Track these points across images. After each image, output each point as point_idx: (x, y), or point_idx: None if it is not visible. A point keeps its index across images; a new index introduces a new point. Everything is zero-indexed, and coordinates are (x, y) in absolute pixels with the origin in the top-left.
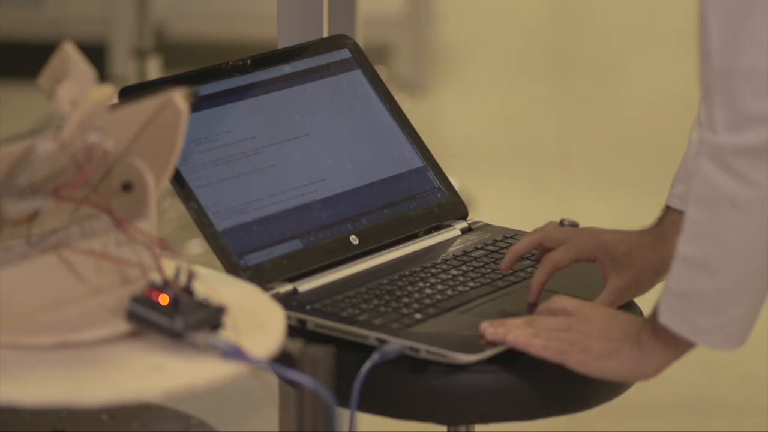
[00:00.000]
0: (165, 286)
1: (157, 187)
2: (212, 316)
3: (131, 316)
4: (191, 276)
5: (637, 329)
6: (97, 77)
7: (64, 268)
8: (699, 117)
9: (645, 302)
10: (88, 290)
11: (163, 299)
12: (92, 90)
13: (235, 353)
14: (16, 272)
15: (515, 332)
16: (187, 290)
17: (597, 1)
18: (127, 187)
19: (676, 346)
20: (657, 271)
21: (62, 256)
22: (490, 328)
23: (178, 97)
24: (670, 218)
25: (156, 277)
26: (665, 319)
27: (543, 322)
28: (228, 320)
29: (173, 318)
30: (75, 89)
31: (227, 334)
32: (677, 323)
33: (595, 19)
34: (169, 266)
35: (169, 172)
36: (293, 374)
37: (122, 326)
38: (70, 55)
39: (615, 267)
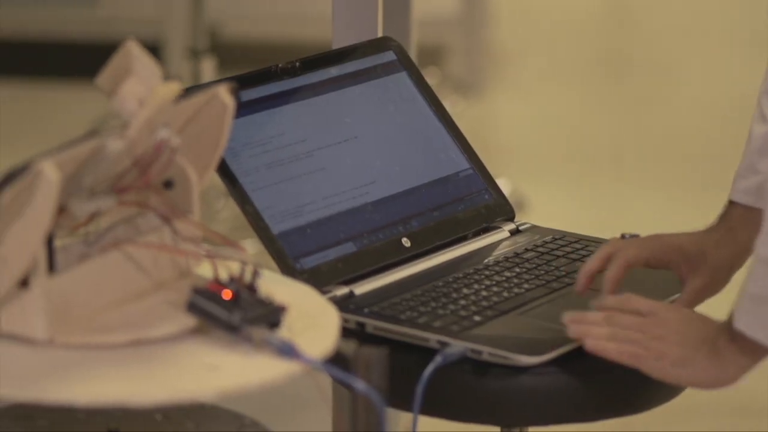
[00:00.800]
0: (229, 282)
1: (198, 183)
2: (271, 314)
3: (191, 306)
4: (255, 274)
5: (714, 335)
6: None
7: (128, 264)
8: (761, 111)
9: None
10: (150, 285)
11: (226, 294)
12: (160, 86)
13: (288, 350)
14: (81, 271)
15: (592, 335)
16: (251, 287)
17: (651, 2)
18: (168, 184)
19: (754, 352)
20: (731, 267)
21: (126, 252)
22: (572, 325)
23: (224, 92)
24: (736, 213)
25: (221, 273)
26: (742, 324)
27: (619, 320)
28: (284, 320)
29: (232, 312)
30: (140, 87)
31: (283, 333)
32: (755, 329)
33: (649, 21)
34: (228, 264)
35: (211, 169)
36: (343, 375)
37: (189, 321)
38: (134, 52)
39: (691, 267)
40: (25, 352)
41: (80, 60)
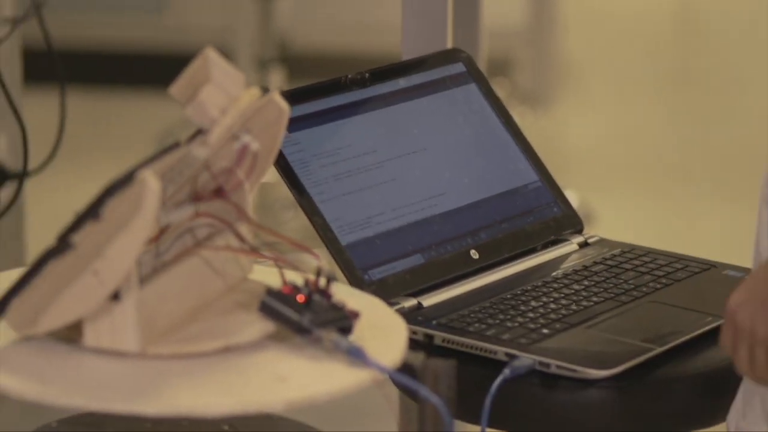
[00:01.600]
0: (303, 286)
1: (251, 191)
2: (342, 319)
3: (264, 307)
4: (330, 279)
5: None
6: None
7: (205, 269)
8: None
9: None
10: (222, 290)
11: (299, 297)
12: (244, 93)
13: (358, 355)
14: (165, 281)
15: (738, 357)
16: (324, 292)
17: (720, 15)
18: (218, 192)
19: None
20: None
21: (203, 257)
22: (727, 339)
23: (279, 97)
24: None
25: (295, 278)
26: None
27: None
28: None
29: (303, 314)
30: (219, 93)
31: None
32: None
33: (719, 33)
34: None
35: (262, 176)
36: (411, 382)
37: (270, 326)
38: (214, 60)
39: None
40: (115, 366)
41: (147, 69)
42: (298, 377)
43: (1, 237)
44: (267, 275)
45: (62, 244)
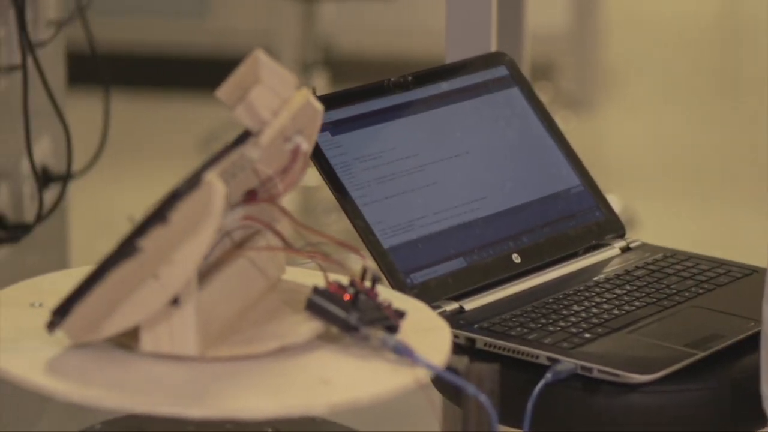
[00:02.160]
0: (349, 285)
1: (284, 193)
2: (389, 319)
3: (311, 305)
4: (375, 279)
5: None
6: None
7: (252, 270)
8: None
9: None
10: (265, 289)
11: (346, 296)
12: (296, 94)
13: (405, 351)
14: (218, 283)
15: None
16: (370, 292)
17: (763, 19)
18: (250, 194)
19: None
20: None
21: (249, 258)
22: None
23: (313, 97)
24: None
25: (341, 278)
26: None
27: None
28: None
29: (350, 312)
30: (269, 94)
31: None
32: None
33: (762, 37)
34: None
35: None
36: (459, 380)
37: (319, 325)
38: (264, 61)
39: None
40: (159, 368)
41: (190, 72)
42: (341, 380)
43: (45, 239)
44: (302, 276)
45: (129, 249)
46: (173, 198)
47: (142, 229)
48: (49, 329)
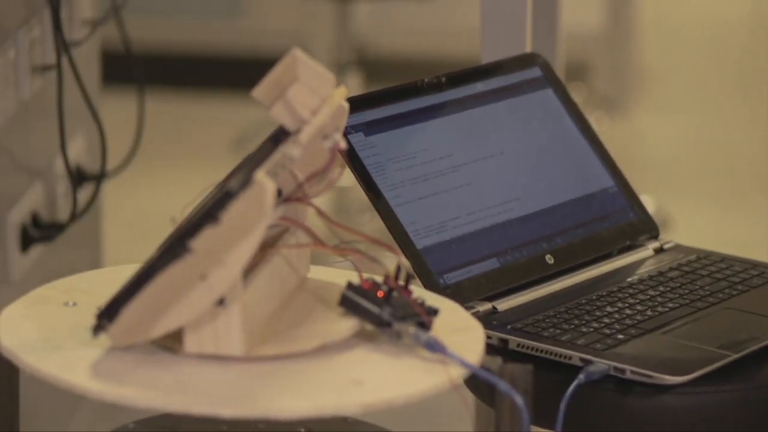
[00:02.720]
0: (382, 282)
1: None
2: (421, 315)
3: (344, 301)
4: (409, 277)
5: None
6: None
7: (285, 268)
8: None
9: None
10: (296, 288)
11: (379, 292)
12: (335, 92)
13: (438, 347)
14: (259, 282)
15: None
16: (404, 289)
17: None
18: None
19: None
20: None
21: (284, 256)
22: None
23: (340, 95)
24: None
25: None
26: None
27: None
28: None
29: (383, 307)
30: (309, 93)
31: None
32: None
33: None
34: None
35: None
36: (492, 377)
37: (357, 324)
38: (302, 60)
39: None
40: (194, 368)
41: (223, 72)
42: (375, 380)
43: (79, 238)
44: (326, 274)
45: (179, 249)
46: (224, 198)
47: (192, 229)
48: (94, 333)
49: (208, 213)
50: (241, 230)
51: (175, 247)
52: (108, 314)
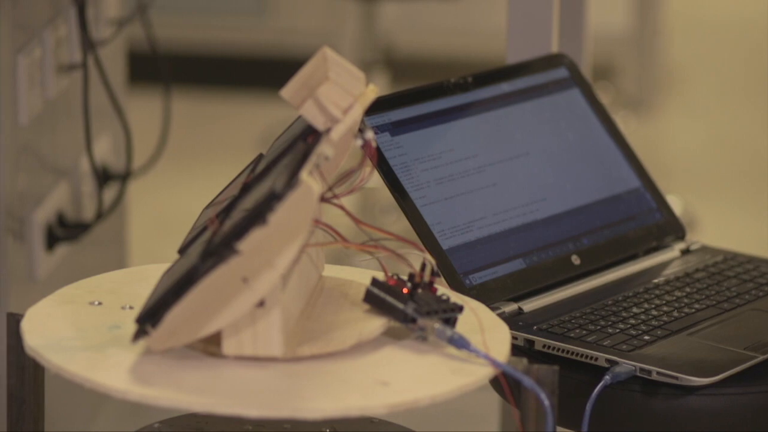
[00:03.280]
0: (407, 278)
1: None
2: (447, 311)
3: (369, 296)
4: (434, 273)
5: None
6: None
7: (308, 266)
8: None
9: None
10: (316, 286)
11: (404, 288)
12: (366, 89)
13: (462, 343)
14: (292, 282)
15: None
16: (429, 285)
17: None
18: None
19: None
20: None
21: (307, 254)
22: None
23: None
24: None
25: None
26: None
27: None
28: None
29: (407, 303)
30: (339, 92)
31: None
32: None
33: None
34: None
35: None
36: (518, 374)
37: (386, 322)
38: (332, 59)
39: None
40: (218, 369)
41: (249, 71)
42: (401, 380)
43: (104, 238)
44: (341, 273)
45: (227, 252)
46: (271, 199)
47: (239, 231)
48: (135, 339)
49: (256, 215)
50: (286, 231)
51: (221, 249)
52: (151, 319)
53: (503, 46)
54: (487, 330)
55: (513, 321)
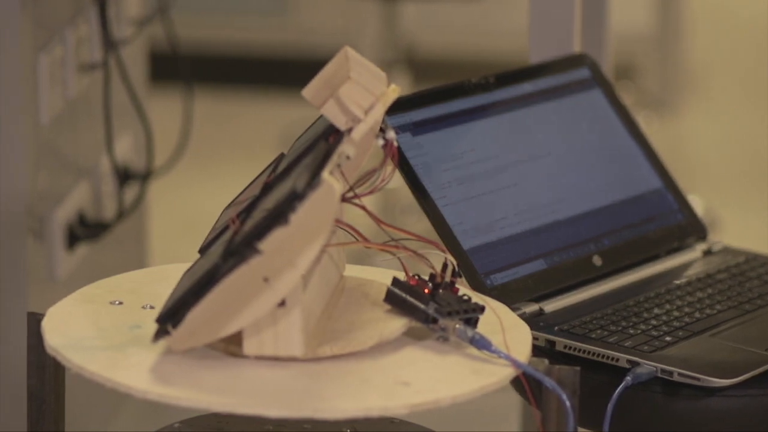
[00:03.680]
0: (428, 279)
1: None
2: (468, 312)
3: (390, 295)
4: (455, 274)
5: None
6: None
7: (330, 266)
8: None
9: None
10: (337, 286)
11: (425, 288)
12: (388, 89)
13: (483, 343)
14: (313, 282)
15: None
16: (450, 286)
17: None
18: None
19: None
20: None
21: (329, 254)
22: None
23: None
24: None
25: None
26: None
27: None
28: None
29: (428, 303)
30: (361, 91)
31: None
32: None
33: None
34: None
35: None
36: (539, 374)
37: (407, 322)
38: (354, 58)
39: None
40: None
41: (268, 70)
42: (422, 381)
43: (124, 237)
44: (362, 273)
45: (249, 251)
46: (293, 199)
47: (260, 231)
48: (156, 339)
49: (278, 214)
50: (308, 231)
51: (242, 249)
52: (171, 319)
53: (525, 45)
54: (508, 330)
55: (534, 321)
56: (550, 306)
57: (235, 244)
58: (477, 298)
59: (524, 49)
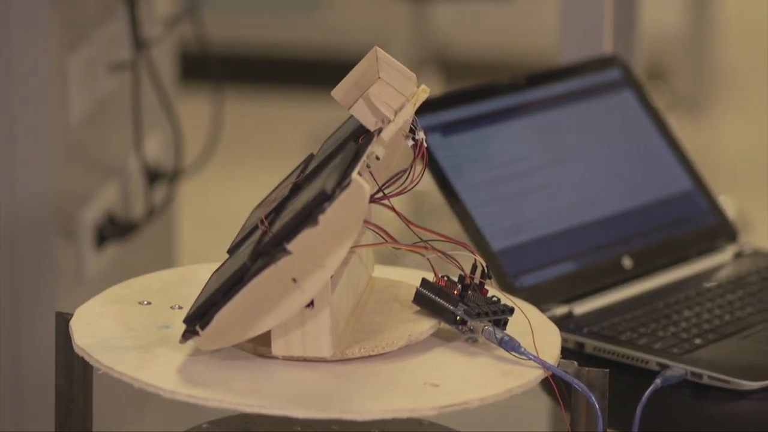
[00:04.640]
0: (458, 280)
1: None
2: (497, 313)
3: (419, 297)
4: (485, 275)
5: None
6: None
7: (358, 266)
8: None
9: None
10: (366, 287)
11: (455, 291)
12: (418, 90)
13: (512, 345)
14: (341, 283)
15: None
16: (479, 287)
17: None
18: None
19: None
20: None
21: (357, 254)
22: None
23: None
24: None
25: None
26: None
27: None
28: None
29: (457, 305)
30: (390, 92)
31: None
32: None
33: None
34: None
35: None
36: (568, 377)
37: (436, 323)
38: (384, 59)
39: None
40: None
41: (299, 71)
42: (450, 382)
43: (153, 237)
44: (391, 274)
45: (278, 252)
46: (322, 199)
47: (289, 231)
48: (183, 339)
49: (307, 215)
50: (337, 231)
51: (271, 249)
52: (200, 320)
53: (556, 46)
54: (537, 332)
55: (563, 323)
56: (580, 308)
57: (263, 244)
58: (506, 299)
59: (556, 50)
